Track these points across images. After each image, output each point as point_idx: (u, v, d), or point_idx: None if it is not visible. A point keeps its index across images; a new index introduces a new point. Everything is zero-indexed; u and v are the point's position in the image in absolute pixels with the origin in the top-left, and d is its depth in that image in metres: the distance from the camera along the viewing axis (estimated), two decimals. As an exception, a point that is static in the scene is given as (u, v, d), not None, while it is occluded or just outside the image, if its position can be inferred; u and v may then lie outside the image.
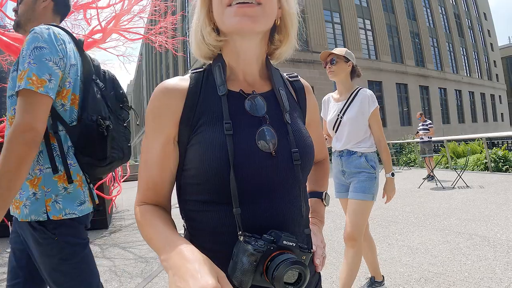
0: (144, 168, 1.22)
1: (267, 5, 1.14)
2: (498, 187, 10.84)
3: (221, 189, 1.10)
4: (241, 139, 1.13)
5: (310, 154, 1.25)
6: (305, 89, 1.45)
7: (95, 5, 11.92)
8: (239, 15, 1.10)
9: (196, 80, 1.23)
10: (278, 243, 1.04)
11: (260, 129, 1.16)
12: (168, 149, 1.19)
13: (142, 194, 1.23)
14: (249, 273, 1.01)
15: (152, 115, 1.19)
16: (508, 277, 4.33)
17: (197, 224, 1.20)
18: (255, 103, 1.22)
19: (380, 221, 7.61)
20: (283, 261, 0.99)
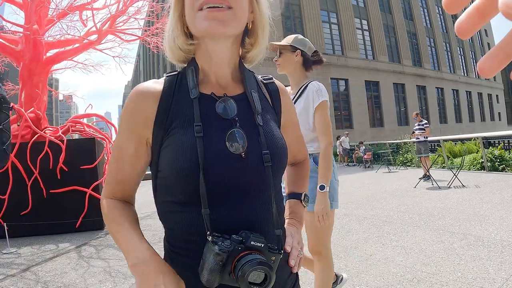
0: (115, 165, 1.26)
1: (238, 9, 1.15)
2: (494, 187, 10.83)
3: (192, 190, 1.11)
4: (211, 141, 1.14)
5: (282, 156, 1.26)
6: (279, 91, 1.44)
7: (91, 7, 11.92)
8: (210, 19, 1.11)
9: (170, 83, 1.25)
10: (246, 243, 1.05)
11: (230, 132, 1.17)
12: (141, 150, 1.23)
13: (111, 188, 1.28)
14: (216, 272, 1.03)
15: (126, 117, 1.22)
16: (501, 277, 4.30)
17: (171, 224, 1.22)
18: (226, 105, 1.22)
19: (375, 221, 7.60)
20: (249, 261, 1.01)
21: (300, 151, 1.63)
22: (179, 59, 1.29)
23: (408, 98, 46.15)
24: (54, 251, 7.30)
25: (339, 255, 5.56)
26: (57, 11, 11.54)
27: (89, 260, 6.50)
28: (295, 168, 1.65)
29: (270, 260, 1.08)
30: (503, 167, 14.51)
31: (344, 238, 6.53)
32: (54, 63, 11.50)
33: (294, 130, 1.53)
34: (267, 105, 1.36)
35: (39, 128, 9.59)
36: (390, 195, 10.95)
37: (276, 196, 1.23)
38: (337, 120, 38.01)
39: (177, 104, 1.21)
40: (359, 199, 10.73)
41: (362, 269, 4.93)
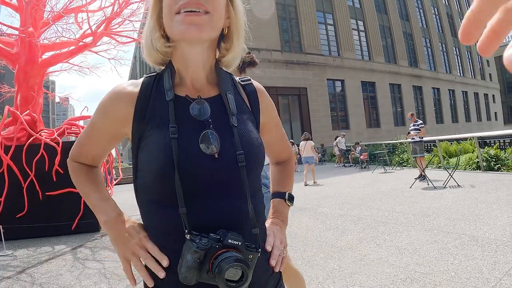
0: (87, 140, 1.38)
1: (214, 14, 1.17)
2: (489, 186, 10.85)
3: (168, 190, 1.14)
4: (185, 142, 1.17)
5: (257, 156, 1.27)
6: (257, 91, 1.45)
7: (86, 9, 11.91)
8: (186, 23, 1.13)
9: (147, 85, 1.28)
10: (223, 241, 1.07)
11: (204, 133, 1.19)
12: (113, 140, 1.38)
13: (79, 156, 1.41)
14: (194, 270, 1.05)
15: (102, 112, 1.30)
16: (495, 276, 4.31)
17: (150, 223, 1.25)
18: (200, 107, 1.25)
19: (370, 222, 7.62)
20: (226, 259, 1.03)
21: (283, 150, 1.66)
22: (156, 61, 1.31)
23: (404, 98, 46.19)
24: (50, 253, 7.30)
25: (333, 256, 5.58)
26: (52, 14, 11.55)
27: (84, 262, 6.51)
28: (279, 167, 1.67)
29: (247, 258, 1.10)
30: (499, 166, 14.54)
31: (338, 239, 6.55)
32: (50, 66, 11.51)
33: (275, 130, 1.55)
34: (244, 106, 1.37)
35: (35, 131, 9.59)
36: (385, 196, 10.97)
37: (253, 195, 1.25)
38: (334, 121, 38.01)
39: (153, 105, 1.24)
40: (354, 199, 10.75)
41: (356, 270, 4.94)
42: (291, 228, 7.52)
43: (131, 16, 12.46)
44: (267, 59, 33.26)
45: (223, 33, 1.30)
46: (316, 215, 8.87)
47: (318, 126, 35.83)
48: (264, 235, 1.35)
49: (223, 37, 1.32)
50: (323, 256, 5.63)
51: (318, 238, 6.70)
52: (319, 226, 7.67)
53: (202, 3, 1.13)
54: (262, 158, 1.32)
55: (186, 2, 1.12)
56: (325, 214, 8.77)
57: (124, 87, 1.28)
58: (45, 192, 8.64)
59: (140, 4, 12.60)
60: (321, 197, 11.79)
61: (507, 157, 14.88)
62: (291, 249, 6.08)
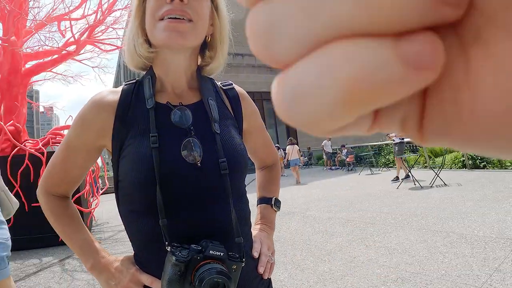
0: (63, 164, 1.28)
1: (198, 23, 1.17)
2: (475, 184, 10.93)
3: (149, 201, 1.12)
4: (166, 151, 1.15)
5: (240, 163, 1.26)
6: (239, 96, 1.44)
7: (69, 17, 11.84)
8: (169, 30, 1.12)
9: (127, 93, 1.25)
10: (205, 252, 1.06)
11: (185, 141, 1.18)
12: (91, 155, 1.28)
13: (54, 185, 1.31)
14: (175, 282, 1.03)
15: (81, 125, 1.24)
16: (485, 273, 4.33)
17: (132, 235, 1.23)
18: (181, 115, 1.23)
19: (358, 224, 7.63)
20: (207, 271, 1.01)
21: (268, 155, 1.64)
22: (138, 66, 1.29)
23: (389, 99, 46.61)
24: (38, 265, 7.21)
25: (323, 259, 5.57)
26: (35, 22, 11.47)
27: (73, 273, 6.43)
28: (264, 172, 1.66)
29: (230, 269, 1.09)
30: (484, 164, 14.66)
31: (328, 242, 6.53)
32: (33, 75, 11.39)
33: (259, 135, 1.54)
34: (226, 112, 1.35)
35: (19, 141, 9.49)
36: (373, 197, 11.00)
37: (237, 203, 1.24)
38: (319, 124, 38.17)
39: (133, 114, 1.21)
40: (342, 202, 10.76)
41: (347, 272, 4.94)
42: (279, 232, 7.51)
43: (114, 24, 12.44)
44: (251, 64, 33.36)
45: (206, 41, 1.29)
46: (305, 218, 8.86)
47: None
48: (250, 241, 1.34)
49: (206, 44, 1.31)
50: (313, 259, 5.62)
51: (307, 242, 6.68)
52: (307, 229, 7.66)
53: (186, 11, 1.12)
54: (245, 165, 1.30)
55: (171, 9, 1.11)
56: (313, 218, 8.76)
57: (103, 96, 1.24)
58: (31, 204, 8.53)
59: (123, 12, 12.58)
60: (309, 200, 11.78)
61: (492, 155, 14.99)
62: (281, 253, 6.06)
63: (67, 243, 1.27)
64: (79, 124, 1.23)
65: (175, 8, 1.11)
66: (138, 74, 1.34)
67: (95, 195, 10.80)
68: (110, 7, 11.85)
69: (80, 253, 1.25)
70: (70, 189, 1.33)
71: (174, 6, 1.11)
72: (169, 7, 1.11)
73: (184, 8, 1.12)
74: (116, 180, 1.22)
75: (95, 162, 1.32)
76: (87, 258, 1.23)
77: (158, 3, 1.13)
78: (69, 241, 1.27)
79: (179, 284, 1.03)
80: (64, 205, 1.30)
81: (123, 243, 8.09)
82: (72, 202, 1.36)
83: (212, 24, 1.26)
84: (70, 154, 1.26)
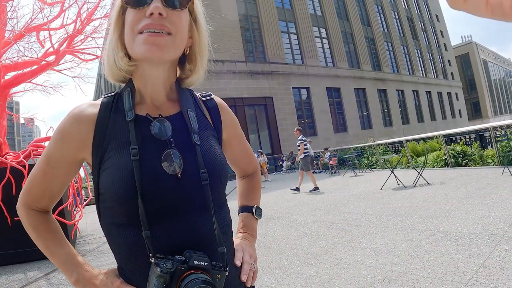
0: (42, 178, 1.25)
1: (177, 36, 1.17)
2: (458, 182, 11.04)
3: (131, 213, 1.11)
4: (147, 163, 1.15)
5: (220, 173, 1.26)
6: (218, 107, 1.44)
7: (47, 27, 11.72)
8: (149, 43, 1.12)
9: (106, 106, 1.24)
10: (189, 263, 1.06)
11: (166, 152, 1.18)
12: (71, 168, 1.27)
13: (34, 200, 1.27)
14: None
15: (61, 138, 1.22)
16: (471, 269, 4.36)
17: (115, 247, 1.21)
18: (161, 126, 1.23)
19: (344, 226, 7.65)
20: (193, 280, 1.01)
21: (249, 163, 1.65)
22: (118, 78, 1.28)
23: (369, 102, 46.95)
24: (23, 280, 7.11)
25: (310, 263, 5.58)
26: (13, 33, 11.32)
27: (59, 287, 6.36)
28: (245, 181, 1.67)
29: (215, 279, 1.10)
30: (466, 162, 14.83)
31: (313, 245, 6.55)
32: (12, 86, 11.24)
33: (239, 144, 1.55)
34: (206, 123, 1.36)
35: (0, 154, 9.38)
36: (357, 199, 11.05)
37: (218, 213, 1.24)
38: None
39: (113, 127, 1.21)
40: (327, 205, 10.79)
41: (333, 274, 4.95)
42: (265, 238, 7.51)
43: (93, 33, 12.32)
44: (231, 71, 33.38)
45: (185, 53, 1.29)
46: (290, 223, 8.86)
47: (286, 134, 36.01)
48: (232, 250, 1.34)
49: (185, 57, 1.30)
50: (299, 263, 5.62)
51: (293, 246, 6.69)
52: (293, 234, 7.67)
53: (165, 25, 1.12)
54: (226, 175, 1.30)
55: (150, 23, 1.11)
56: (298, 222, 8.77)
57: (82, 109, 1.23)
58: (14, 218, 8.41)
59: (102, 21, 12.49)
60: (293, 204, 11.80)
61: (473, 152, 15.18)
62: (267, 259, 6.06)
63: (50, 258, 1.26)
64: (59, 138, 1.22)
65: (154, 22, 1.11)
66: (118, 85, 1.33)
67: (79, 207, 10.70)
68: (89, 16, 11.75)
69: (64, 268, 1.24)
70: (51, 204, 1.31)
71: (153, 20, 1.11)
72: (148, 21, 1.11)
73: (163, 22, 1.12)
74: (97, 193, 1.21)
75: (75, 176, 1.30)
76: (71, 272, 1.22)
77: (137, 17, 1.13)
78: (51, 256, 1.25)
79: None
80: (45, 220, 1.28)
81: (108, 254, 8.00)
82: (53, 216, 1.33)
83: (191, 37, 1.26)
84: (50, 168, 1.24)
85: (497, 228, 5.71)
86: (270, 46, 37.50)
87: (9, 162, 8.65)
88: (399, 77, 53.95)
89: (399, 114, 51.73)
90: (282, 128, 36.33)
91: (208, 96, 1.45)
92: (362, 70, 47.36)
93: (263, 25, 37.71)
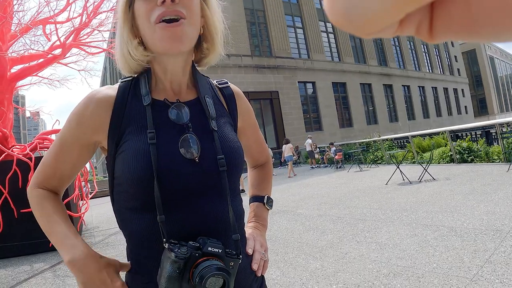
0: (54, 159, 1.24)
1: (192, 19, 1.16)
2: (463, 178, 11.00)
3: (147, 197, 1.11)
4: (164, 147, 1.15)
5: (237, 160, 1.26)
6: (235, 95, 1.45)
7: (54, 20, 11.73)
8: (168, 38, 1.11)
9: (123, 90, 1.24)
10: (203, 249, 1.06)
11: (183, 137, 1.18)
12: (84, 152, 1.24)
13: (44, 179, 1.26)
14: (174, 280, 1.02)
15: (76, 121, 1.20)
16: (476, 264, 4.36)
17: (129, 232, 1.20)
18: (179, 111, 1.24)
19: (349, 220, 7.65)
20: (207, 267, 1.01)
21: (261, 153, 1.65)
22: (136, 70, 1.27)
23: (375, 97, 46.76)
24: (29, 272, 7.14)
25: (315, 256, 5.59)
26: (20, 26, 11.33)
27: (64, 278, 6.38)
28: (257, 170, 1.67)
29: (228, 266, 1.09)
30: (472, 158, 14.76)
31: (319, 239, 6.56)
32: (19, 80, 11.25)
33: (253, 133, 1.55)
34: (222, 110, 1.36)
35: (6, 147, 9.40)
36: (362, 193, 11.04)
37: (233, 201, 1.24)
38: (307, 123, 38.19)
39: (130, 111, 1.20)
40: (332, 199, 10.78)
41: (339, 268, 4.96)
42: (270, 231, 7.51)
43: (100, 26, 12.33)
44: (237, 65, 33.31)
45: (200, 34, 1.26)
46: (295, 216, 8.88)
47: (291, 128, 35.95)
48: (244, 239, 1.34)
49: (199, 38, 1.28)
50: (305, 257, 5.64)
51: (298, 240, 6.70)
52: (298, 227, 7.68)
53: (179, 11, 1.11)
54: (242, 163, 1.31)
55: (164, 12, 1.10)
56: (304, 216, 8.78)
57: (100, 92, 1.22)
58: (20, 210, 8.43)
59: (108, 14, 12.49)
60: (299, 198, 11.81)
61: (479, 149, 15.11)
62: (273, 252, 6.07)
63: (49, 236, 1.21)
64: (74, 119, 1.20)
65: (168, 9, 1.10)
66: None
67: (85, 199, 10.73)
68: (95, 9, 11.75)
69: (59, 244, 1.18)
70: (60, 185, 1.29)
71: (167, 8, 1.10)
72: (162, 10, 1.10)
73: (176, 7, 1.11)
74: (112, 177, 1.21)
75: (87, 161, 1.28)
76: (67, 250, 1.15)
77: (149, 7, 1.12)
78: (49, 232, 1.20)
79: (178, 281, 1.02)
80: (51, 198, 1.26)
81: (113, 247, 8.04)
82: (61, 199, 1.31)
83: (203, 16, 1.24)
84: (64, 149, 1.22)
85: (503, 224, 5.70)
86: (276, 40, 37.39)
87: (15, 154, 8.68)
88: (405, 72, 53.73)
89: (404, 110, 51.55)
90: (287, 122, 36.24)
91: (225, 83, 1.46)
92: (368, 65, 47.19)
93: (269, 19, 37.57)
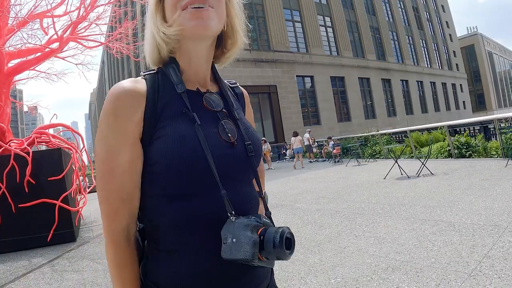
0: (111, 179, 1.13)
1: (219, 9, 1.19)
2: (462, 173, 11.04)
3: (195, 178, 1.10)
4: (206, 130, 1.16)
5: (259, 147, 1.33)
6: (244, 95, 1.54)
7: (51, 14, 11.67)
8: (195, 18, 1.13)
9: (152, 81, 1.23)
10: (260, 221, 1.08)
11: (221, 122, 1.23)
12: (136, 151, 1.13)
13: (115, 213, 1.15)
14: (258, 244, 1.02)
15: (114, 116, 1.11)
16: (475, 259, 4.37)
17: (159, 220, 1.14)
18: (212, 99, 1.28)
19: (347, 214, 7.66)
20: (275, 232, 1.02)
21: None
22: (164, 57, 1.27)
23: (373, 91, 46.79)
24: (27, 267, 7.13)
25: (313, 250, 5.60)
26: (17, 20, 11.27)
27: (62, 273, 6.38)
28: None
29: None
30: (470, 153, 14.78)
31: (317, 233, 6.56)
32: (16, 74, 11.18)
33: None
34: (238, 104, 1.42)
35: (4, 141, 9.38)
36: (360, 188, 11.07)
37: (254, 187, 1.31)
38: (305, 117, 38.26)
39: (163, 99, 1.19)
40: (330, 193, 10.81)
41: (337, 262, 4.96)
42: (269, 225, 7.51)
43: (97, 20, 12.29)
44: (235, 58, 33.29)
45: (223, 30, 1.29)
46: (293, 210, 8.87)
47: (290, 123, 35.99)
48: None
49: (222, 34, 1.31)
50: (303, 251, 5.64)
51: (296, 234, 6.69)
52: (297, 221, 7.68)
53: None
54: (262, 151, 1.38)
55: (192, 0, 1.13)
56: (302, 210, 8.78)
57: (128, 83, 1.16)
58: (18, 205, 8.40)
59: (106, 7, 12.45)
60: (297, 192, 11.82)
61: (477, 144, 15.14)
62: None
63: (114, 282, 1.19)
64: (113, 120, 1.11)
65: None
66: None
67: (83, 194, 10.71)
68: (93, 3, 11.70)
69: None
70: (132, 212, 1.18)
71: None
72: None
73: None
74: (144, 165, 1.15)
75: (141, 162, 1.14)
76: None
77: None
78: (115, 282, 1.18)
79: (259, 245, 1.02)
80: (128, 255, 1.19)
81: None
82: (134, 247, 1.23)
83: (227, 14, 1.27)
84: (114, 159, 1.11)
85: (501, 220, 5.72)
86: (275, 34, 37.34)
87: (13, 149, 8.66)
88: (403, 67, 53.75)
89: (403, 104, 51.61)
90: (285, 116, 36.28)
91: (235, 84, 1.54)
92: (367, 59, 47.18)
93: (267, 12, 37.51)
